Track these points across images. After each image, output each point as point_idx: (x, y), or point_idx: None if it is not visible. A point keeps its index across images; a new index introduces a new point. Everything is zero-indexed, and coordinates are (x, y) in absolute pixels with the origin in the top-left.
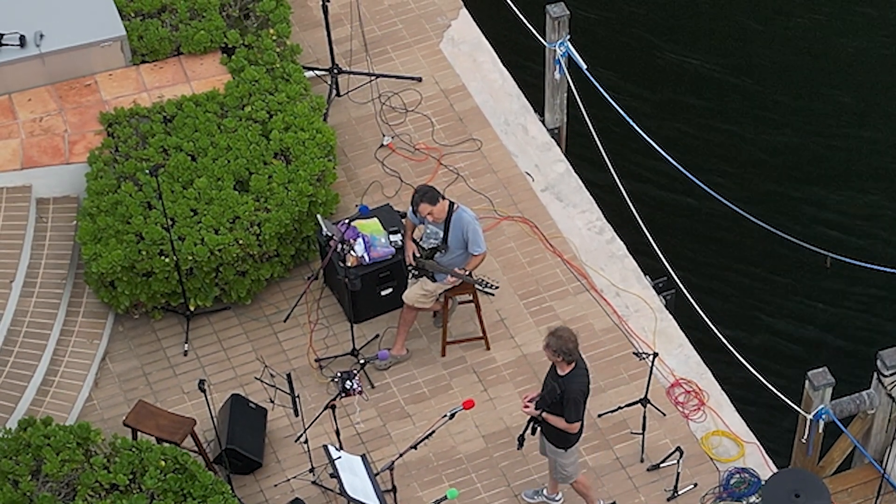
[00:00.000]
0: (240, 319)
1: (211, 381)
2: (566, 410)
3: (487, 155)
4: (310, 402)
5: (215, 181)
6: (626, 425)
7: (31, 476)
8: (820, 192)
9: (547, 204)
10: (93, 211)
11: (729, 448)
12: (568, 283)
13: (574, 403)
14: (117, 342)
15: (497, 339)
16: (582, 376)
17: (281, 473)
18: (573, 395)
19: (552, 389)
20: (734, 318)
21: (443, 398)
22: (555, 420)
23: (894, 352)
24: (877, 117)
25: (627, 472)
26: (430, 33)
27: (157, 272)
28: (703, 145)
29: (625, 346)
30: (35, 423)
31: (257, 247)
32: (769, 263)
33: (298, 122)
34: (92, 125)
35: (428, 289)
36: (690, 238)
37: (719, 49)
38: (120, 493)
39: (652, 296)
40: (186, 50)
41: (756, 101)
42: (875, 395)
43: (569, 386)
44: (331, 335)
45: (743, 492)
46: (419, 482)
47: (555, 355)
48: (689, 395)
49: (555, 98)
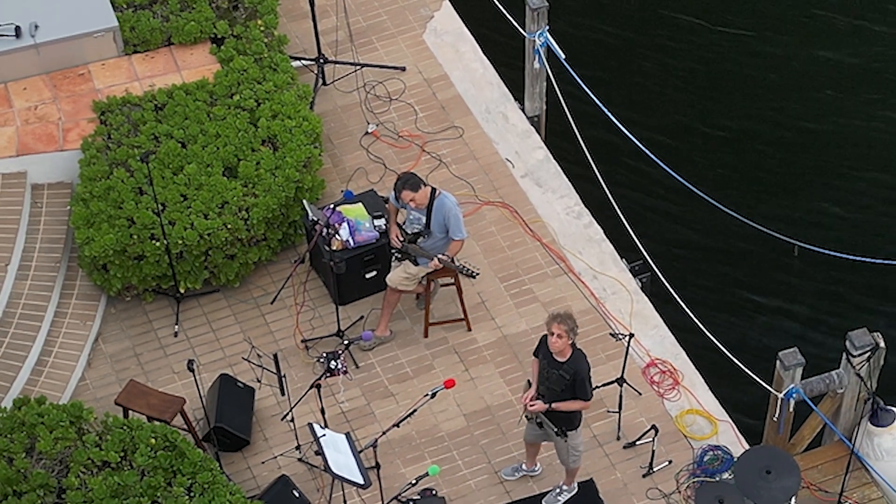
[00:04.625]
0: (228, 301)
1: (200, 362)
2: (582, 391)
3: (469, 142)
4: (296, 381)
5: (205, 167)
6: (602, 404)
7: (26, 453)
8: (791, 184)
9: (526, 189)
10: (86, 196)
11: (703, 426)
12: (547, 267)
13: (588, 381)
14: (109, 324)
15: (478, 321)
16: (582, 355)
17: (268, 451)
18: (584, 374)
19: (558, 378)
20: (708, 301)
21: (425, 378)
22: (569, 405)
23: (862, 333)
24: (853, 105)
25: (604, 450)
26: (413, 24)
27: (148, 256)
28: (681, 134)
29: (602, 328)
30: (29, 402)
31: (245, 231)
32: (742, 249)
33: (285, 110)
34: (85, 113)
35: (411, 272)
36: (666, 223)
37: (698, 38)
38: (111, 470)
39: (628, 279)
40: (177, 40)
41: (734, 90)
42: (844, 374)
43: (578, 367)
44: (316, 317)
45: (716, 469)
46: (402, 459)
47: (570, 335)
48: (664, 375)
49: (534, 87)
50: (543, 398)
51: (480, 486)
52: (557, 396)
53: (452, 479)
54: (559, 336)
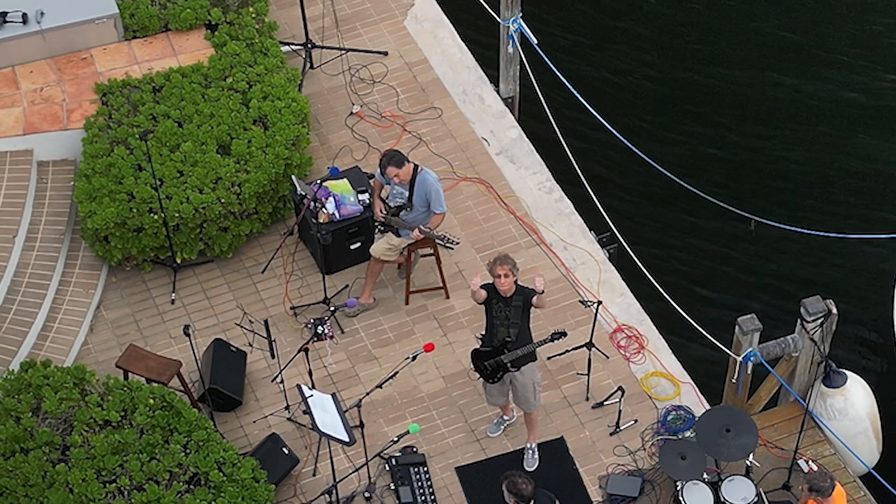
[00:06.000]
0: (222, 271)
1: (195, 327)
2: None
3: (447, 122)
4: (285, 345)
5: (200, 145)
6: (572, 367)
7: (32, 413)
8: (750, 161)
9: (501, 166)
10: (88, 172)
11: (666, 388)
12: (520, 238)
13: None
14: (111, 292)
15: (456, 289)
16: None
17: (259, 411)
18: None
19: (515, 309)
20: (672, 271)
21: (406, 342)
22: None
23: (816, 300)
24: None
25: (574, 410)
26: (395, 11)
27: (146, 228)
28: (648, 114)
29: (572, 296)
30: (35, 364)
31: (238, 205)
32: (703, 223)
33: (275, 91)
34: (88, 95)
35: (393, 243)
36: (632, 197)
37: (664, 18)
38: (112, 429)
39: (596, 249)
40: (174, 26)
41: (699, 69)
42: (799, 339)
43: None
44: (304, 285)
45: (679, 427)
46: (384, 418)
47: (514, 273)
48: (630, 340)
49: (508, 70)
50: (511, 342)
51: (458, 444)
52: (521, 328)
53: (432, 437)
54: (506, 276)
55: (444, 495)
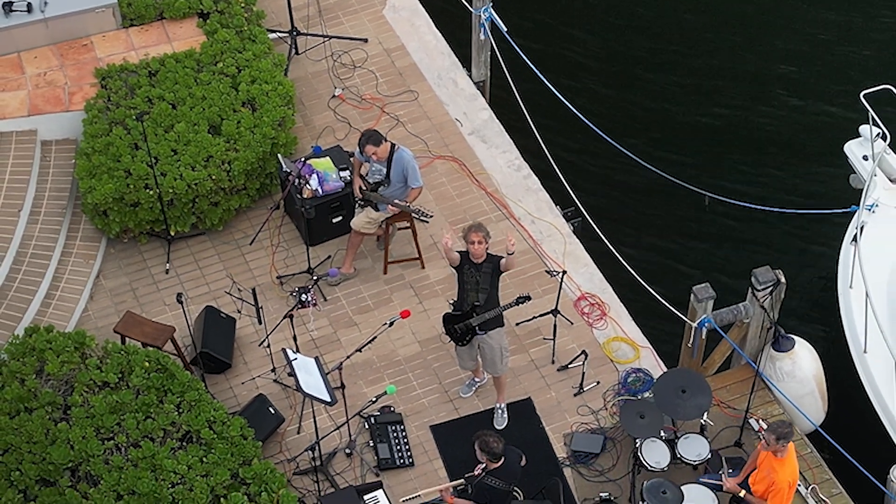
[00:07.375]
0: (213, 243)
1: (188, 295)
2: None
3: (423, 104)
4: (272, 312)
5: (192, 126)
6: (539, 332)
7: (36, 375)
8: (709, 140)
9: (473, 145)
10: (88, 151)
11: (627, 352)
12: (491, 213)
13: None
14: (109, 262)
15: (431, 260)
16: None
17: (247, 373)
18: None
19: (485, 275)
20: (632, 243)
21: (384, 309)
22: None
23: (766, 270)
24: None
25: (541, 372)
26: (374, 1)
27: (142, 203)
28: (611, 97)
29: (538, 266)
30: (39, 330)
31: (227, 181)
32: (661, 199)
33: (263, 76)
34: (88, 79)
35: (372, 217)
36: (596, 174)
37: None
38: (111, 389)
39: (562, 223)
40: (168, 15)
41: (660, 51)
42: (750, 306)
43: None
44: (290, 256)
45: (638, 388)
46: (364, 380)
47: (487, 240)
48: (593, 307)
49: (480, 56)
50: (480, 306)
51: (432, 404)
52: (490, 294)
53: (408, 398)
54: (479, 242)
55: (420, 451)
